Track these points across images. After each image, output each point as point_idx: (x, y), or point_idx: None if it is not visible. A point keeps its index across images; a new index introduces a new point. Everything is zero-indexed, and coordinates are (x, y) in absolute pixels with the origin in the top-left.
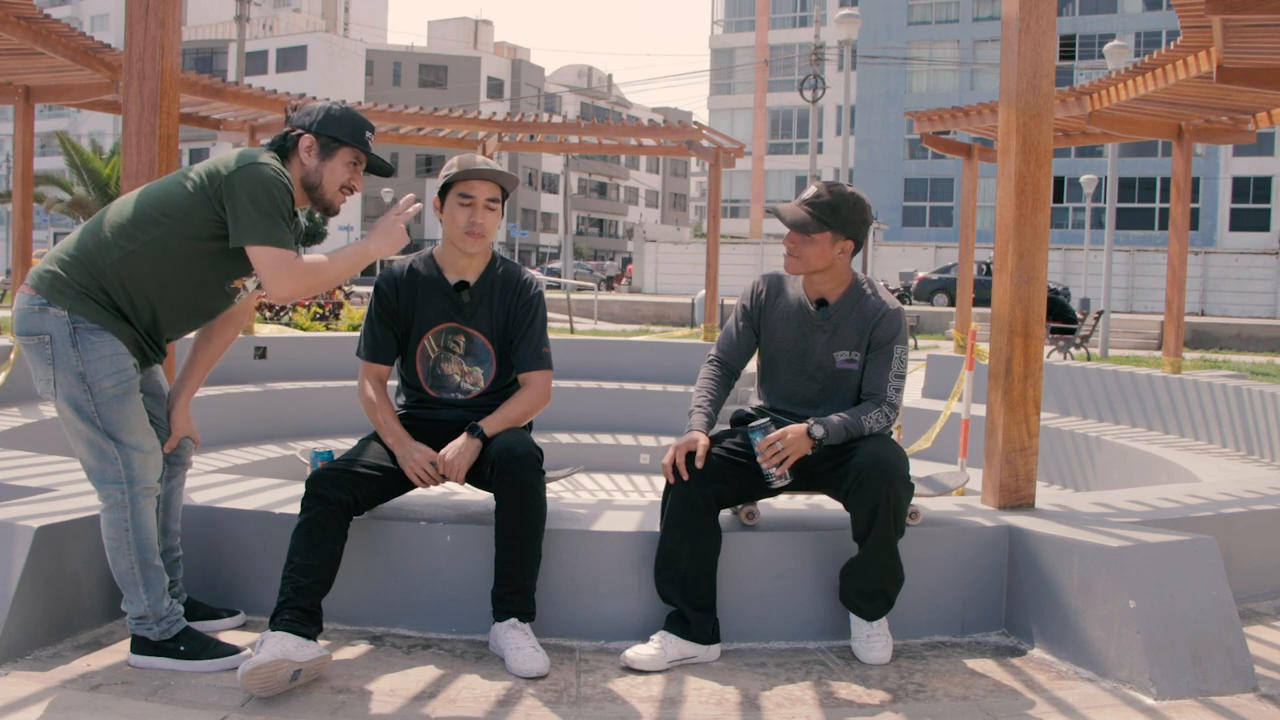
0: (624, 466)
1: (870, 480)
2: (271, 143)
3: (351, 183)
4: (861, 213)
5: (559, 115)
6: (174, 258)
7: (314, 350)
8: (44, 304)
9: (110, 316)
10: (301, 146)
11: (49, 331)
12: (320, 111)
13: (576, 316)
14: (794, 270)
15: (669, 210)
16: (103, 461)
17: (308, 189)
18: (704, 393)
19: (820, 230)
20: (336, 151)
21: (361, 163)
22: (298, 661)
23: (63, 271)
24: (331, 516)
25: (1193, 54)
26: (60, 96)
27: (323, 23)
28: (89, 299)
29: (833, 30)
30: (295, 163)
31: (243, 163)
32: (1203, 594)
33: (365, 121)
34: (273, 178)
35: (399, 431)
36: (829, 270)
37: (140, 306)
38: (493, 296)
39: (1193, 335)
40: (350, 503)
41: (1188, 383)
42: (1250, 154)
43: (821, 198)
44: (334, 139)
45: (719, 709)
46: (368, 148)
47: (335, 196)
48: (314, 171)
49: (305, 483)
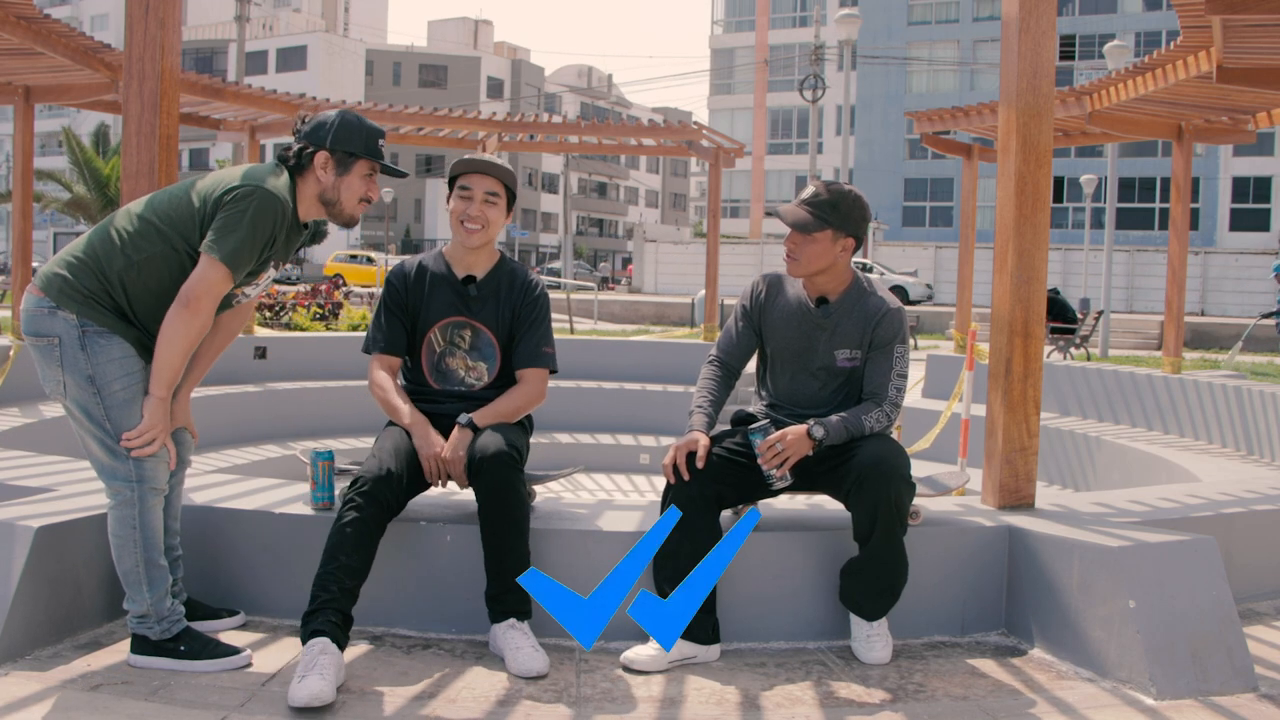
0: (624, 466)
1: (871, 480)
2: (283, 158)
3: (368, 194)
4: (861, 210)
5: (559, 115)
6: (176, 270)
7: (314, 350)
8: (53, 307)
9: (116, 320)
10: (317, 164)
11: (58, 334)
12: (332, 125)
13: (576, 316)
14: (795, 273)
15: (669, 210)
16: (114, 459)
17: (325, 204)
18: (704, 393)
19: (821, 228)
20: (353, 165)
21: (376, 172)
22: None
23: (71, 275)
24: (378, 518)
25: (1193, 54)
26: (60, 96)
27: (323, 23)
28: (96, 304)
29: (833, 30)
30: (311, 179)
31: (251, 181)
32: (1203, 594)
33: (376, 129)
34: (268, 207)
35: (419, 418)
36: (830, 269)
37: (143, 313)
38: (499, 293)
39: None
40: (397, 507)
41: (1188, 383)
42: (1250, 154)
43: (820, 196)
44: (349, 154)
45: (719, 709)
46: (382, 157)
47: (354, 210)
48: (331, 188)
49: (352, 481)
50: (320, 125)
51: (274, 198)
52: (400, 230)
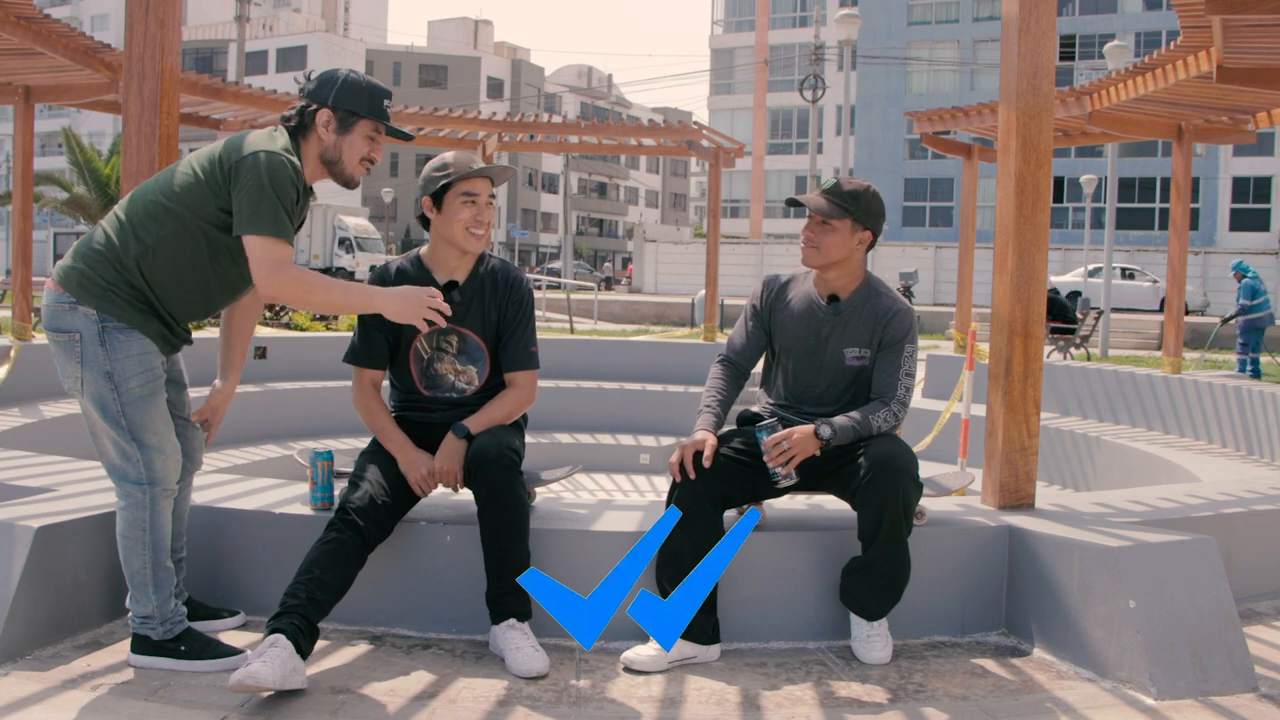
0: (624, 466)
1: (879, 479)
2: (286, 118)
3: (371, 154)
4: (879, 205)
5: (559, 115)
6: (191, 246)
7: (314, 350)
8: (73, 302)
9: (137, 313)
10: (319, 122)
11: (79, 330)
12: (336, 83)
13: (576, 316)
14: (812, 262)
15: (669, 210)
16: (125, 461)
17: (327, 164)
18: (713, 393)
19: (841, 217)
20: (355, 125)
21: (380, 133)
22: (288, 688)
23: (89, 268)
24: (360, 546)
25: (1193, 54)
26: (60, 96)
27: (323, 23)
28: (116, 296)
29: (833, 30)
30: (313, 138)
31: (252, 149)
32: (1203, 594)
33: (383, 89)
34: (280, 167)
35: (401, 439)
36: (844, 264)
37: (165, 297)
38: (484, 294)
39: (1193, 335)
40: (379, 537)
41: (1188, 383)
42: (1250, 154)
43: (841, 187)
44: (352, 113)
45: (719, 709)
46: (387, 117)
47: (355, 170)
48: (333, 147)
49: (339, 507)
50: (324, 83)
51: (277, 155)
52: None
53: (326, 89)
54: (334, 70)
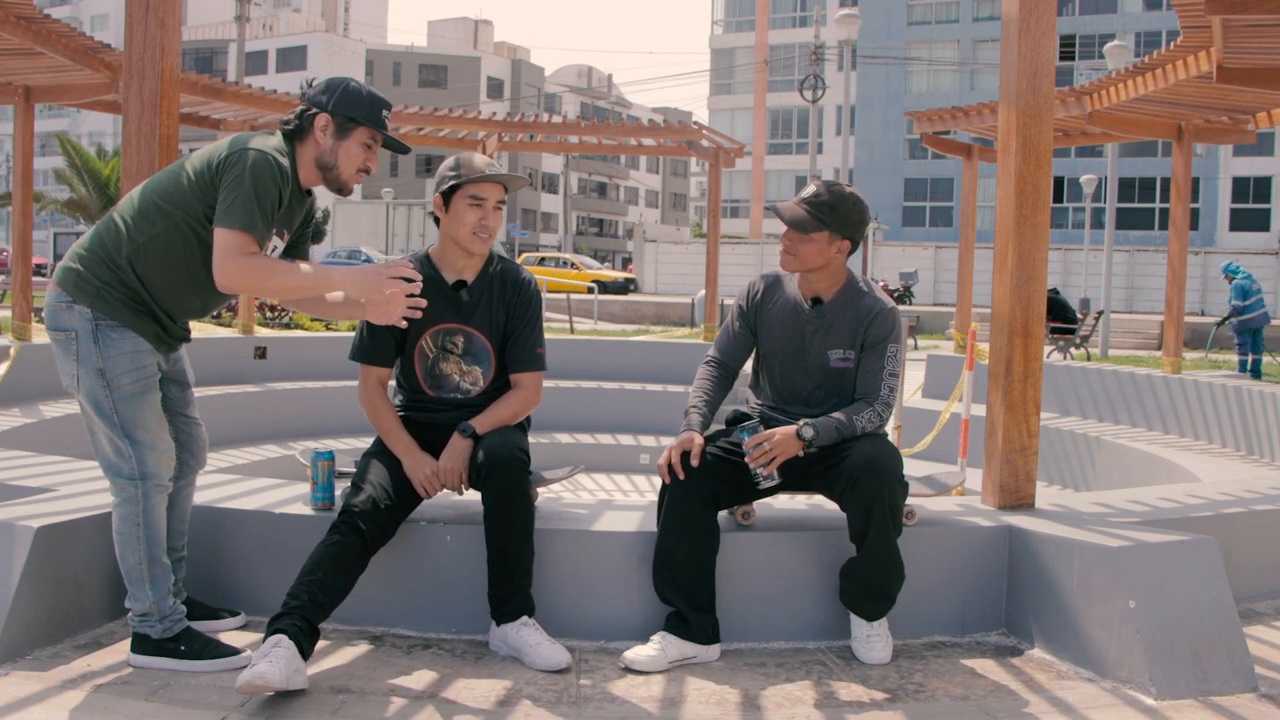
0: (624, 466)
1: (864, 481)
2: (286, 121)
3: (367, 163)
4: (860, 213)
5: (559, 115)
6: (182, 245)
7: (314, 350)
8: (70, 301)
9: (131, 312)
10: (317, 126)
11: (74, 328)
12: (336, 89)
13: (576, 316)
14: (790, 268)
15: (669, 210)
16: (119, 457)
17: (322, 169)
18: (700, 393)
19: (818, 229)
20: (353, 131)
21: (377, 142)
22: (291, 688)
23: (84, 268)
24: (362, 549)
25: (1193, 54)
26: (60, 96)
27: (323, 23)
28: (110, 295)
29: (833, 30)
30: (310, 142)
31: (237, 147)
32: (1203, 594)
33: (382, 99)
34: (265, 166)
35: (406, 441)
36: (825, 269)
37: (158, 295)
38: (491, 295)
39: (1193, 335)
40: (381, 540)
41: (1188, 383)
42: (1250, 154)
43: (821, 197)
44: (350, 119)
45: (719, 709)
46: (385, 127)
47: (351, 178)
48: (329, 151)
49: (343, 509)
50: (325, 89)
51: (264, 154)
52: None
53: (327, 95)
54: (338, 78)
